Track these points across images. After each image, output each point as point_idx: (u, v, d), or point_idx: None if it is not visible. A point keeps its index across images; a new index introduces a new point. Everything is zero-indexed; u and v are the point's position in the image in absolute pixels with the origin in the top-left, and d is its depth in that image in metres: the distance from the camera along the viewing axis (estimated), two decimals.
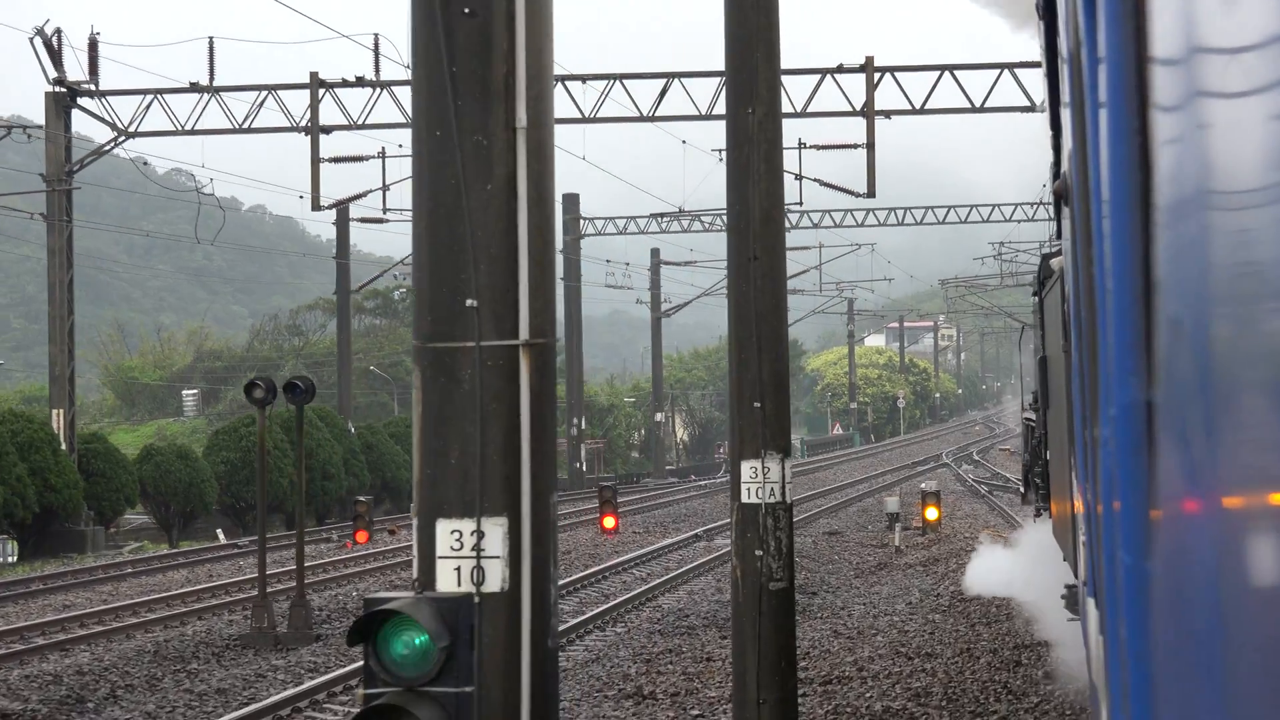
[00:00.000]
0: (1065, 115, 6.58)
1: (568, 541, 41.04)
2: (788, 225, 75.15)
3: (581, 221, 69.60)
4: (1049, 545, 20.16)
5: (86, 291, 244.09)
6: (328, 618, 27.45)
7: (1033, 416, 24.64)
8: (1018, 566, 27.41)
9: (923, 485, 52.75)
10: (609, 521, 42.09)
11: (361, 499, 41.93)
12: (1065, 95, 6.39)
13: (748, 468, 14.79)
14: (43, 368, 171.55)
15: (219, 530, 46.24)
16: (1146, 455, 3.25)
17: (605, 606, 27.55)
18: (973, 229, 77.37)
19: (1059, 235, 13.65)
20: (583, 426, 69.63)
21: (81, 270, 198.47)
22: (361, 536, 41.13)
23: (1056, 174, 9.76)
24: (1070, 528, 12.71)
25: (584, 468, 70.11)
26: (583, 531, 44.53)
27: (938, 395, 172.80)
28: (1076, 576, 11.34)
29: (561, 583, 30.42)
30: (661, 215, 55.47)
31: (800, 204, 45.23)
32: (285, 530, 50.84)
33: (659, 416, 79.31)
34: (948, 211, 68.59)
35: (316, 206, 41.55)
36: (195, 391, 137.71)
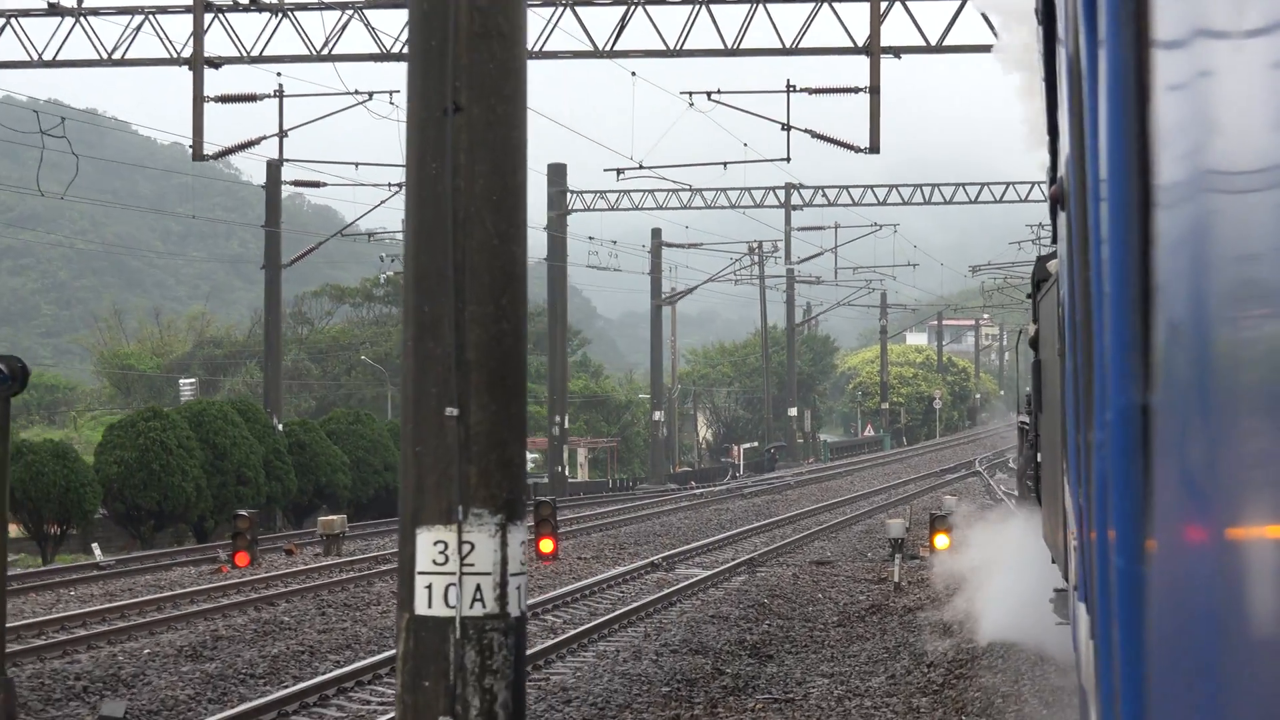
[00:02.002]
0: (1063, 120, 6.63)
1: None
2: (796, 203, 67.47)
3: (569, 195, 61.98)
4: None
5: (120, 278, 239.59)
6: (47, 701, 19.48)
7: (1028, 420, 24.14)
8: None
9: (945, 496, 45.11)
10: (546, 545, 34.52)
11: (243, 513, 34.35)
12: (1063, 99, 6.42)
13: (428, 542, 7.09)
14: (72, 354, 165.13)
15: (95, 545, 38.76)
16: (1142, 459, 3.27)
17: None
18: (1010, 210, 69.37)
19: (1054, 239, 12.85)
20: (565, 425, 61.92)
21: (115, 256, 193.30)
22: (242, 559, 33.63)
23: (1053, 179, 9.71)
24: (1061, 531, 12.45)
25: (566, 471, 62.42)
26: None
27: (978, 396, 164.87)
28: (1066, 580, 11.30)
29: None
30: (619, 171, 47.98)
31: (788, 159, 37.40)
32: (195, 544, 43.45)
33: (657, 415, 71.48)
34: (980, 189, 60.65)
35: (199, 155, 34.05)
36: (193, 381, 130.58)
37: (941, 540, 33.08)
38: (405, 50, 8.94)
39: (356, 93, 37.93)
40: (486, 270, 7.05)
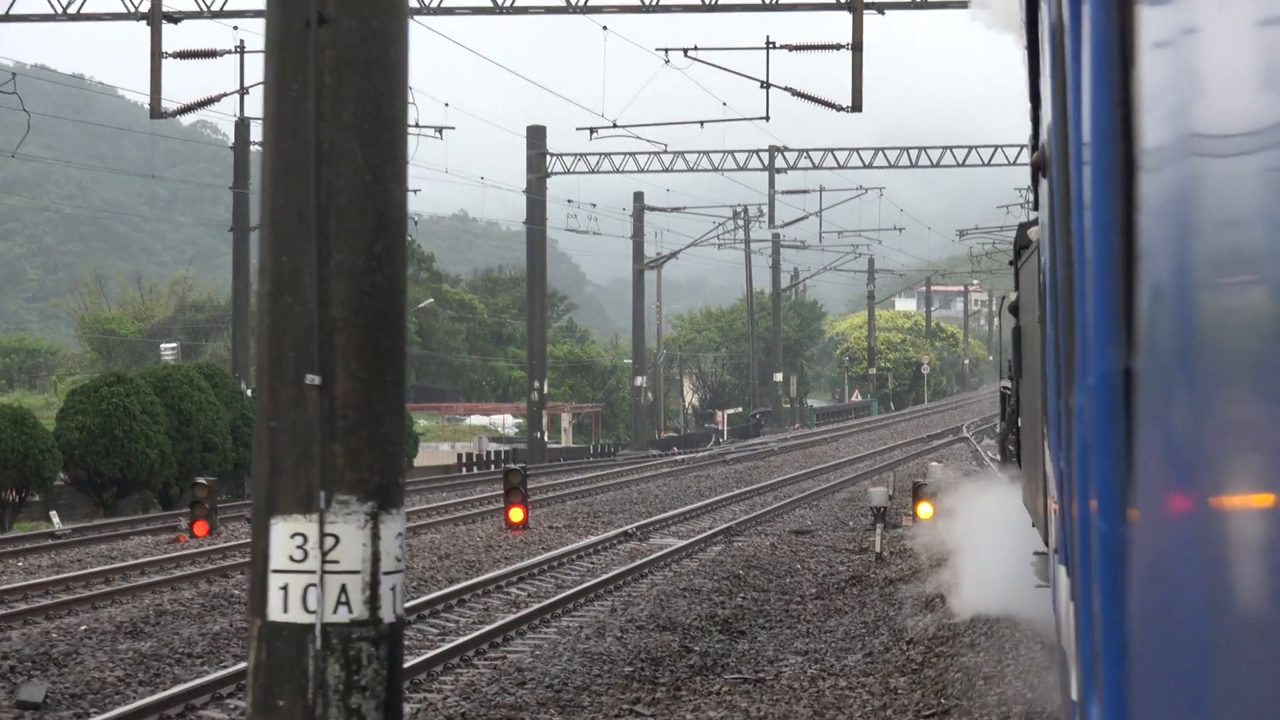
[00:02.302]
0: (1045, 84, 6.71)
1: (457, 540, 32.38)
2: (780, 166, 66.24)
3: (549, 158, 60.74)
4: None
5: (106, 243, 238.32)
6: None
7: (1009, 385, 23.74)
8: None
9: (931, 463, 44.05)
10: (515, 514, 33.44)
11: (202, 480, 33.21)
12: (1046, 63, 6.53)
13: (284, 534, 5.87)
14: (58, 319, 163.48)
15: (53, 513, 37.65)
16: (1124, 423, 3.28)
17: (416, 660, 18.88)
18: (999, 177, 68.20)
19: (1036, 206, 12.81)
20: (544, 391, 60.80)
21: (102, 221, 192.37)
22: (200, 529, 32.52)
23: (1035, 145, 9.96)
24: (1041, 495, 12.42)
25: (544, 437, 61.31)
26: (488, 524, 35.84)
27: (966, 362, 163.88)
28: (1046, 544, 11.20)
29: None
30: (591, 130, 46.73)
31: (768, 118, 36.21)
32: (161, 511, 42.36)
33: (639, 381, 70.30)
34: (968, 153, 59.48)
35: (157, 113, 32.85)
36: (174, 345, 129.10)
37: (925, 509, 32.05)
38: None
39: None
40: (357, 213, 5.94)
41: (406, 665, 18.10)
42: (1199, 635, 2.22)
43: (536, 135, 60.17)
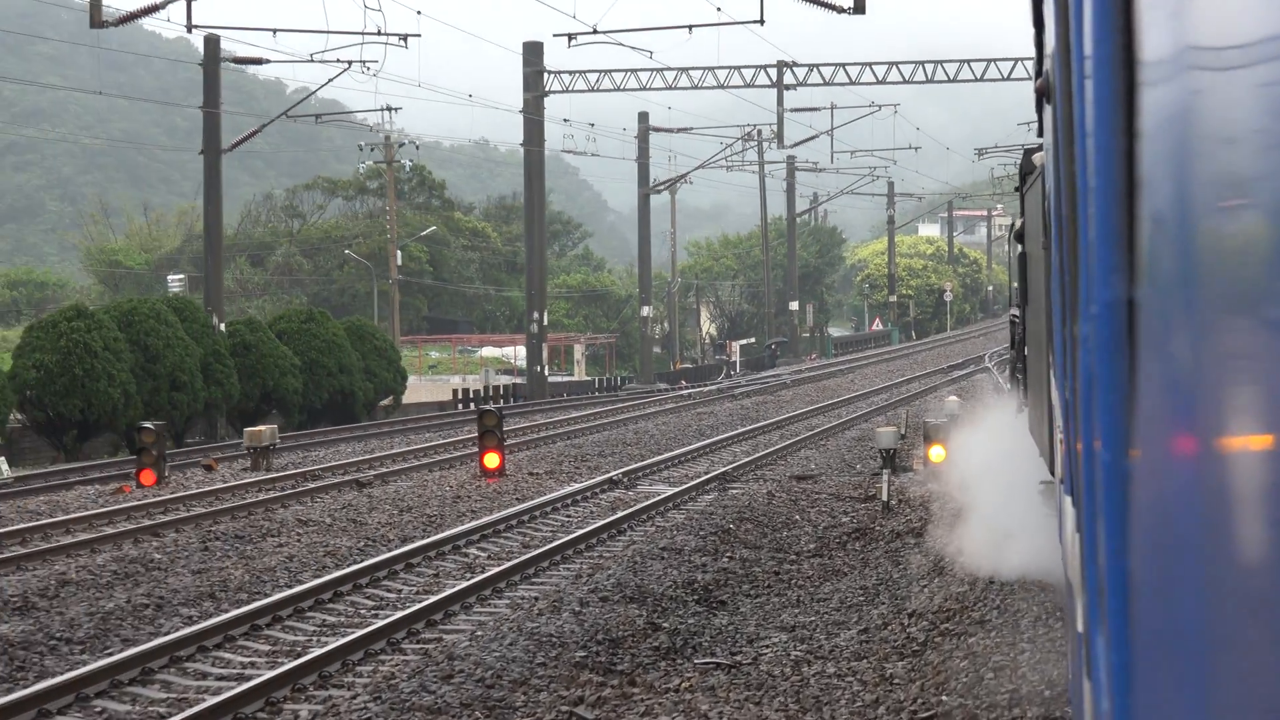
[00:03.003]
0: (1048, 8, 6.62)
1: (425, 490, 29.59)
2: (790, 82, 63.01)
3: (545, 76, 57.63)
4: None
5: (125, 174, 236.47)
6: None
7: (1018, 313, 22.98)
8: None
9: (948, 398, 41.13)
10: (490, 460, 30.61)
11: (148, 425, 30.41)
12: None
13: None
14: (77, 250, 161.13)
15: (1, 459, 34.95)
16: (1128, 353, 3.29)
17: (346, 638, 16.06)
18: (1023, 95, 64.85)
19: (1040, 133, 12.35)
20: (544, 322, 57.87)
21: (120, 151, 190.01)
22: (147, 478, 29.80)
23: (1039, 71, 9.70)
24: (1046, 425, 12.09)
25: (545, 371, 58.43)
26: (462, 471, 33.00)
27: (990, 288, 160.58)
28: (1052, 474, 11.10)
29: (327, 579, 19.00)
30: (571, 36, 43.57)
31: (762, 21, 33.09)
32: (125, 456, 39.68)
33: (645, 311, 67.29)
34: (986, 66, 56.19)
35: (97, 22, 29.93)
36: (181, 277, 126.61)
37: (937, 452, 29.20)
38: None
39: None
40: None
41: (315, 656, 15.37)
42: (1203, 565, 2.21)
43: (533, 52, 57.06)
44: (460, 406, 56.44)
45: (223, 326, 43.02)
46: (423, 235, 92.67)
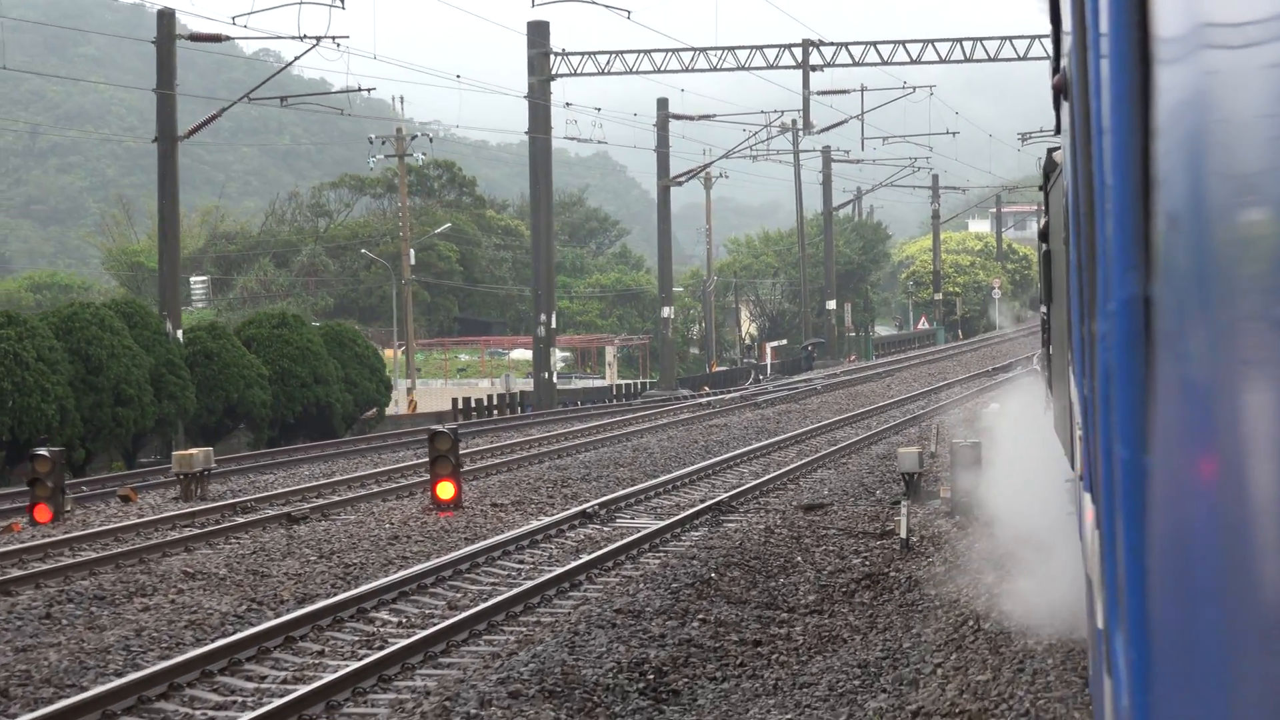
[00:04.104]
0: (1066, 7, 6.67)
1: (365, 526, 25.12)
2: (819, 61, 58.36)
3: (553, 58, 53.19)
4: None
5: None
6: None
7: (1047, 311, 21.40)
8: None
9: (991, 405, 36.56)
10: (444, 490, 26.16)
11: (43, 451, 26.04)
12: None
13: None
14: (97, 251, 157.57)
15: None
16: (1145, 350, 3.30)
17: None
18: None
19: (1058, 130, 11.99)
20: (552, 325, 53.41)
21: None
22: (42, 514, 25.49)
23: (1056, 68, 9.60)
24: (1069, 421, 11.88)
25: (553, 377, 53.96)
26: (417, 501, 28.48)
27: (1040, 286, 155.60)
28: (1074, 470, 10.91)
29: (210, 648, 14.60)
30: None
31: None
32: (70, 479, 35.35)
33: (666, 312, 62.69)
34: (1030, 44, 51.42)
35: None
36: (204, 279, 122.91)
37: (961, 484, 24.64)
38: None
39: None
40: None
41: None
42: (1220, 564, 2.20)
43: (538, 32, 52.63)
44: (462, 418, 52.00)
45: (180, 333, 38.69)
46: (439, 232, 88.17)
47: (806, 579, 21.68)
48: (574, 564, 21.07)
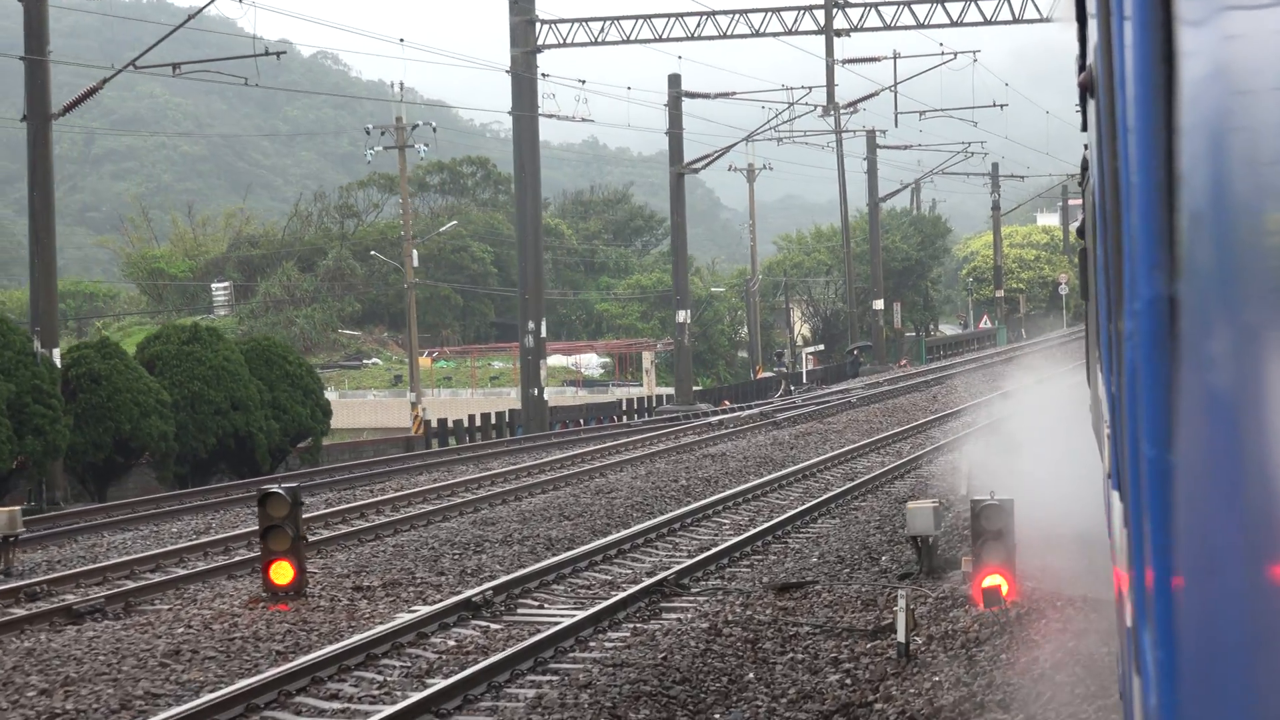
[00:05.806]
0: (1091, 4, 6.55)
1: (162, 625, 18.07)
2: (841, 26, 51.06)
3: (539, 26, 46.16)
4: None
5: (225, 180, 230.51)
6: None
7: None
8: None
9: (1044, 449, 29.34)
10: (280, 573, 19.10)
11: None
12: None
13: None
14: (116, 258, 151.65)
15: None
16: (1170, 349, 3.27)
17: None
18: None
19: (1084, 128, 11.54)
20: (542, 334, 46.33)
21: (220, 156, 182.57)
22: None
23: (1082, 66, 9.32)
24: (1100, 421, 11.76)
25: (543, 394, 46.84)
26: (255, 581, 21.35)
27: None
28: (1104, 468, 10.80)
29: None
30: None
31: None
32: None
33: (681, 317, 55.41)
34: None
35: None
36: (226, 285, 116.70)
37: (993, 584, 17.26)
38: None
39: None
40: None
41: None
42: (1246, 563, 2.20)
43: None
44: (432, 443, 44.90)
45: (55, 354, 31.79)
46: (442, 231, 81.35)
47: (752, 717, 14.66)
48: (417, 697, 14.08)
